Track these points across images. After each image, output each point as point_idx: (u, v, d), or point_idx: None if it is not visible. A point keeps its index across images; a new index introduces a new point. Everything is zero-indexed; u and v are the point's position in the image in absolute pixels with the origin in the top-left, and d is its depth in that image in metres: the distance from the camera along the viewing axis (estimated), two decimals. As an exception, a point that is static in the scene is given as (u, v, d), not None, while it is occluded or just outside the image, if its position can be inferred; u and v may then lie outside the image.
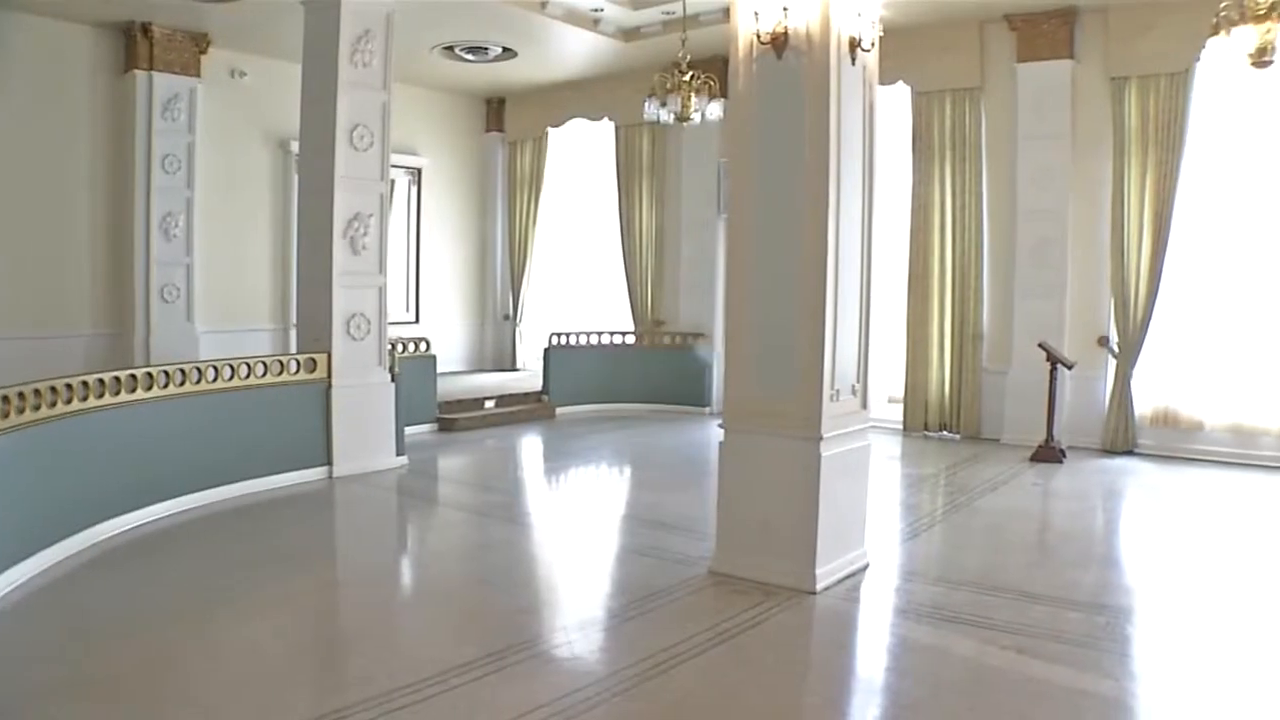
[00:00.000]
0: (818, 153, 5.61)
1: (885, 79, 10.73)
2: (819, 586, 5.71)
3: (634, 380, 13.07)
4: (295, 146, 11.28)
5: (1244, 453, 10.09)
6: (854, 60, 5.75)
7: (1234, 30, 6.86)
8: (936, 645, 5.09)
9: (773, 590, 5.69)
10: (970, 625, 5.31)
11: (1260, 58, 6.79)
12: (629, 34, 12.02)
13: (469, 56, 12.82)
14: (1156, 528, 8.05)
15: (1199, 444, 10.35)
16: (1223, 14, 6.95)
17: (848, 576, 5.98)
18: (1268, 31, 6.72)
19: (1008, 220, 11.01)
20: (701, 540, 6.57)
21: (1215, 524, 7.99)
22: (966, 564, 6.66)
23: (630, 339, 13.42)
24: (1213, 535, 7.64)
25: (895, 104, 11.40)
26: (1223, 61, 7.05)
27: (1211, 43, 7.05)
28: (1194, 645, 5.20)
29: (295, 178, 11.54)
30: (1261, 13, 6.76)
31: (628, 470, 10.14)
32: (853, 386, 5.99)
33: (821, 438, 5.69)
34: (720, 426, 6.11)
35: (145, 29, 11.25)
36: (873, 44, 5.87)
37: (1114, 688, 4.55)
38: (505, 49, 12.57)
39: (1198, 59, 9.28)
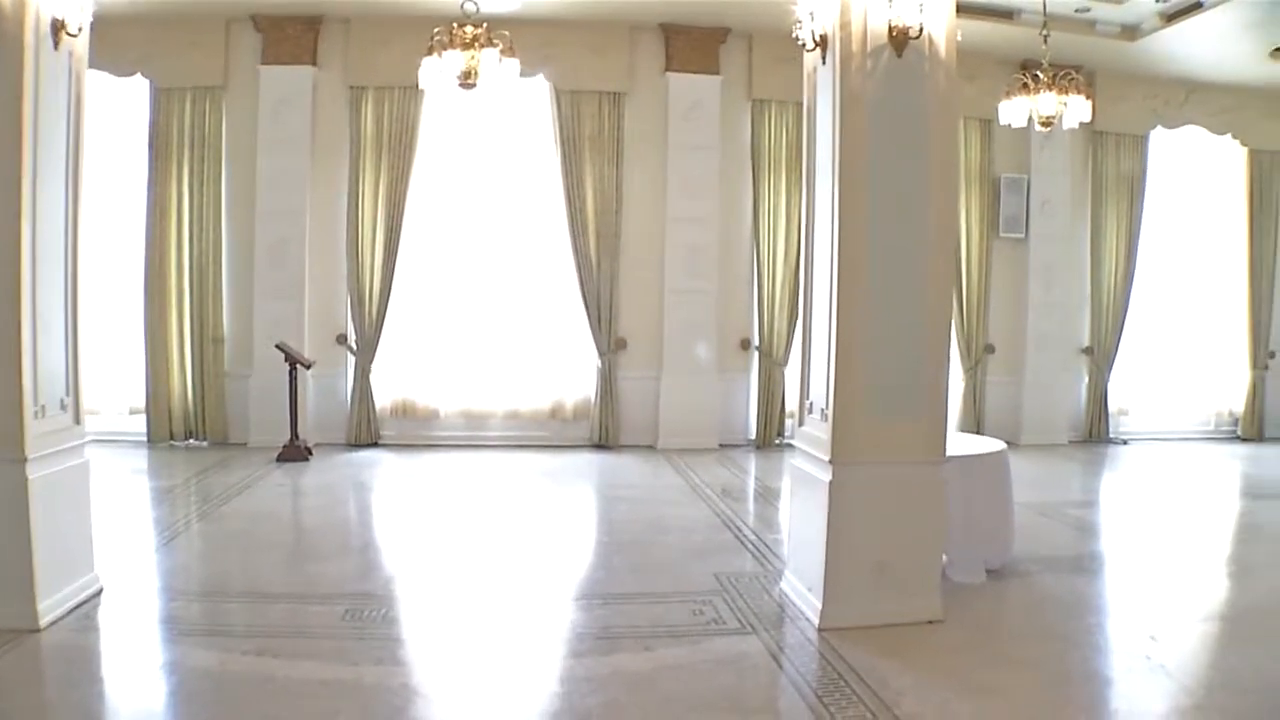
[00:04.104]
0: (7, 146, 5.03)
1: (123, 71, 10.37)
2: (44, 622, 5.18)
3: None
4: None
5: (475, 435, 11.31)
6: (58, 45, 5.22)
7: (445, 53, 7.47)
8: (179, 661, 4.90)
9: (-10, 636, 5.09)
10: (213, 635, 5.21)
11: (467, 80, 7.47)
12: None
13: None
14: (399, 514, 8.59)
15: (436, 431, 11.31)
16: (436, 38, 7.54)
17: (79, 605, 5.52)
18: (473, 58, 7.42)
19: (247, 222, 10.92)
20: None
21: (449, 503, 8.75)
22: (212, 573, 6.55)
23: None
24: (446, 514, 8.36)
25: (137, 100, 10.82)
26: (437, 80, 7.66)
27: (428, 62, 7.61)
28: (431, 620, 5.62)
29: None
30: (468, 40, 7.45)
31: None
32: (62, 401, 5.47)
33: (27, 459, 5.13)
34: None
35: None
36: (80, 29, 5.37)
37: (354, 673, 4.73)
38: None
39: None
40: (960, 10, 5.58)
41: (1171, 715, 4.46)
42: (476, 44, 7.42)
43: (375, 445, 11.03)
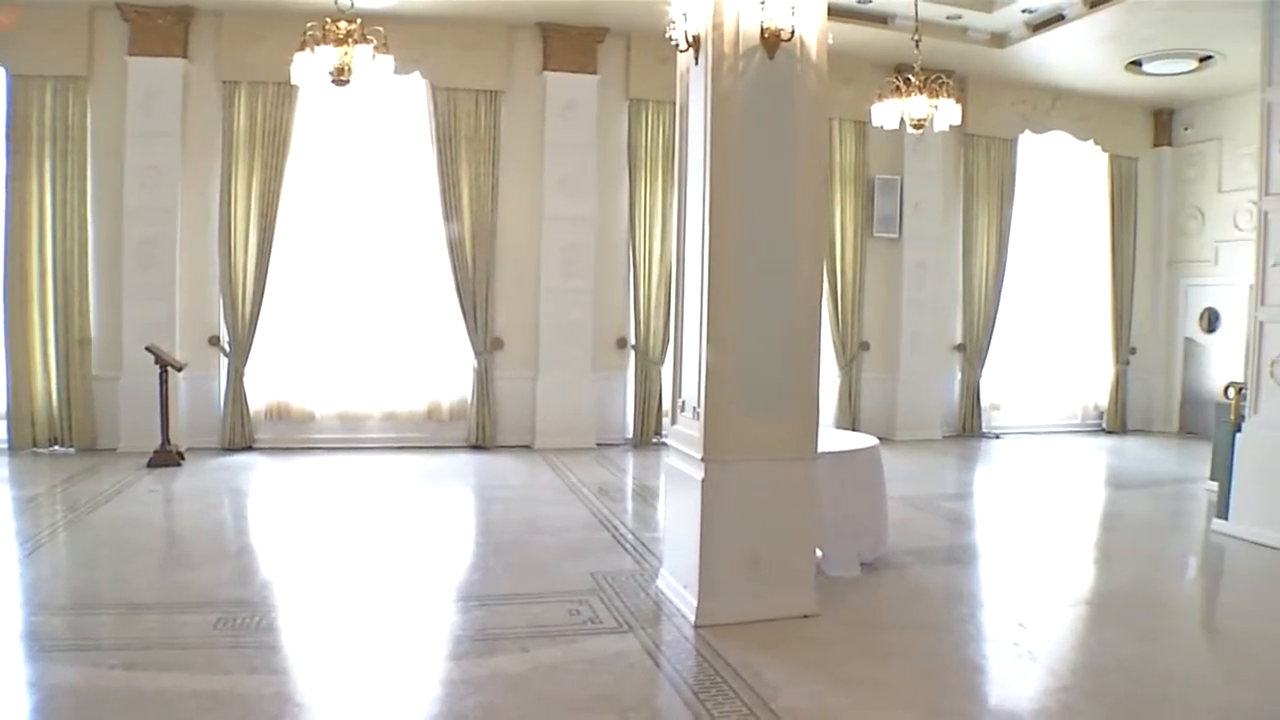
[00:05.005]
0: None
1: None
2: (-110, 641, 4.99)
3: None
4: None
5: (352, 437, 11.19)
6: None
7: (318, 49, 7.31)
8: (41, 679, 4.69)
9: None
10: (79, 650, 5.02)
11: (340, 76, 7.30)
12: None
13: None
14: (274, 519, 8.43)
15: (312, 433, 11.15)
16: (309, 33, 7.36)
17: (-70, 623, 5.32)
18: (346, 54, 7.26)
19: (114, 219, 10.56)
20: None
21: (326, 507, 8.60)
22: (79, 585, 6.30)
23: None
24: (323, 518, 8.22)
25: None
26: (309, 76, 7.48)
27: (300, 58, 7.44)
28: (307, 627, 5.51)
29: None
30: (341, 35, 7.29)
31: None
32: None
33: None
34: None
35: None
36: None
37: (227, 683, 4.62)
38: None
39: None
40: (834, 14, 5.71)
41: (1039, 698, 4.63)
42: (350, 40, 7.26)
43: (250, 449, 10.82)
